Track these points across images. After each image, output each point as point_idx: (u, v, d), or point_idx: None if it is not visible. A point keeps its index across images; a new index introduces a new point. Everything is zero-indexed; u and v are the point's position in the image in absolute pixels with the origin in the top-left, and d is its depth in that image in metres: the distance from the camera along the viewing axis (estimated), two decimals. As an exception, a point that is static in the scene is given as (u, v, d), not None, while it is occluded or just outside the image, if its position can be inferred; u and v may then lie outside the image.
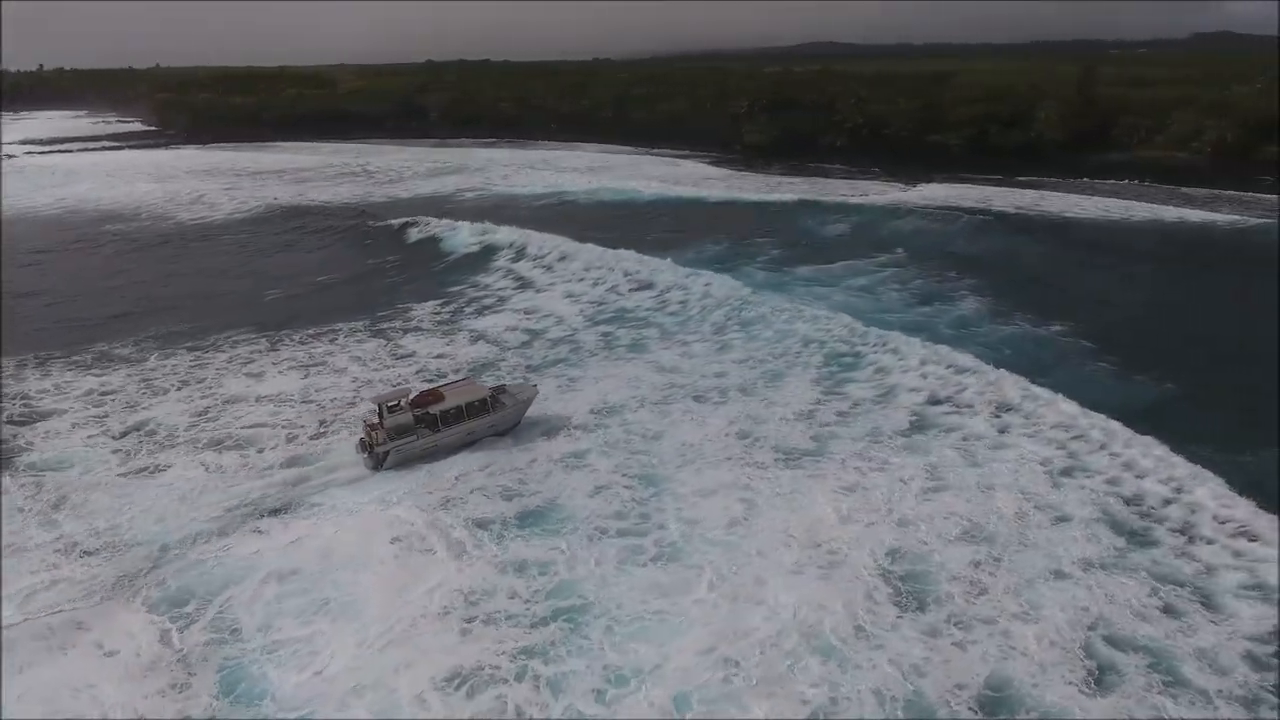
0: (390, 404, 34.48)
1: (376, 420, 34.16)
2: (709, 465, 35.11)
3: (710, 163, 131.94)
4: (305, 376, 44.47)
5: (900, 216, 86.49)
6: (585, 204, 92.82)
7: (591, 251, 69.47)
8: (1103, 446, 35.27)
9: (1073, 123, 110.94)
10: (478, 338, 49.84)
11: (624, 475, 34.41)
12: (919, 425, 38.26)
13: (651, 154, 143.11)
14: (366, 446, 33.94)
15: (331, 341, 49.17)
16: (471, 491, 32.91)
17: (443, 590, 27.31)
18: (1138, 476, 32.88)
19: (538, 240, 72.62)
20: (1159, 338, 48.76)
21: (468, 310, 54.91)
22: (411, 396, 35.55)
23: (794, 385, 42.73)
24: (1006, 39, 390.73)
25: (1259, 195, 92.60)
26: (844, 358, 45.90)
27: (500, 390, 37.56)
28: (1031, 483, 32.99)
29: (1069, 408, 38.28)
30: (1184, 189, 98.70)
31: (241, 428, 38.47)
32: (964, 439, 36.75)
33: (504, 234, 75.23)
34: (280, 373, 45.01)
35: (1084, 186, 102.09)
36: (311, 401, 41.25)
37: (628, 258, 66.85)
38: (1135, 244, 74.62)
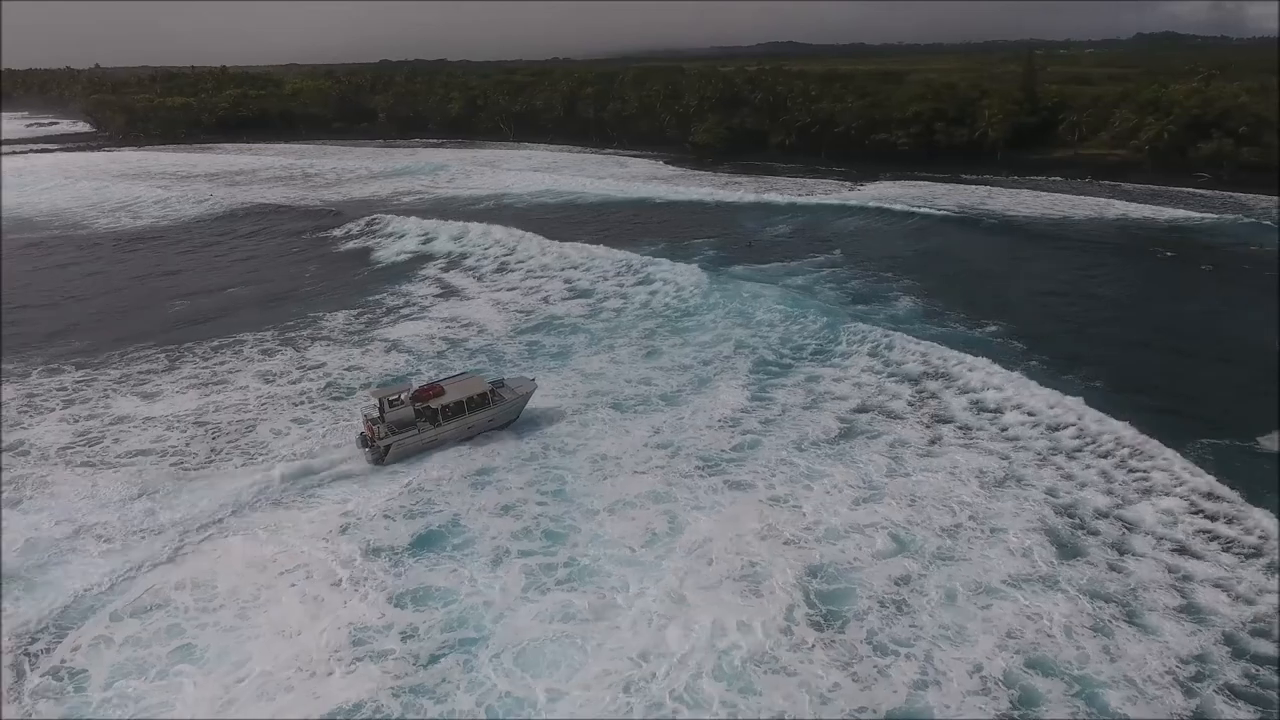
0: (391, 398, 34.40)
1: (377, 415, 33.95)
2: (628, 478, 33.49)
3: (659, 163, 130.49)
4: (205, 395, 41.61)
5: (843, 216, 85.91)
6: (525, 206, 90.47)
7: (523, 255, 67.63)
8: (1040, 455, 34.33)
9: (1016, 120, 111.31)
10: (391, 347, 47.38)
11: (537, 491, 32.67)
12: (848, 433, 36.96)
13: (601, 154, 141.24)
14: (368, 441, 33.64)
15: (236, 354, 46.32)
16: (371, 516, 30.80)
17: (328, 627, 25.24)
18: (1080, 486, 31.89)
19: (468, 244, 70.38)
20: (1096, 338, 48.12)
21: (385, 319, 52.37)
22: (412, 390, 35.50)
23: (722, 392, 41.21)
24: (961, 39, 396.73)
25: (1196, 191, 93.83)
26: (772, 365, 44.51)
27: (499, 385, 37.39)
28: (965, 493, 31.79)
29: (1011, 417, 37.44)
30: (1124, 185, 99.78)
31: (121, 455, 35.52)
32: (894, 447, 35.49)
33: (434, 239, 72.98)
34: (177, 391, 42.11)
35: (1027, 184, 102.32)
36: (206, 423, 38.44)
37: (561, 261, 65.22)
38: (1075, 241, 74.55)
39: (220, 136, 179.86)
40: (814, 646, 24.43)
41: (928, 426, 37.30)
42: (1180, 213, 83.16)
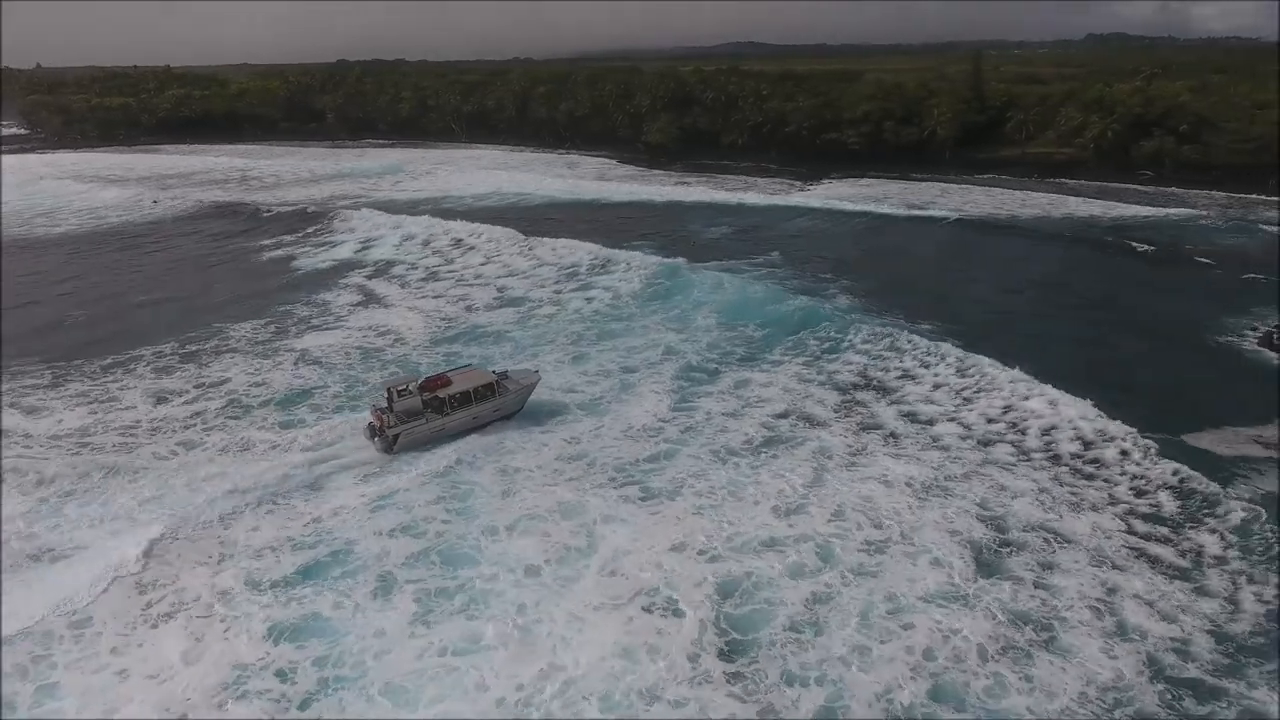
0: (400, 388, 35.12)
1: (386, 405, 34.53)
2: (538, 492, 31.75)
3: (611, 162, 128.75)
4: (92, 413, 38.70)
5: (790, 217, 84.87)
6: (467, 210, 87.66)
7: (455, 261, 65.32)
8: (971, 464, 32.95)
9: (965, 120, 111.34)
10: (300, 358, 44.72)
11: (444, 509, 30.69)
12: (772, 441, 35.48)
13: (553, 154, 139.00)
14: (377, 431, 34.17)
15: (128, 371, 43.26)
16: (253, 548, 28.56)
17: (205, 666, 23.46)
18: (1012, 497, 30.56)
19: (396, 250, 67.84)
20: (1037, 336, 47.25)
21: (296, 329, 49.56)
22: (420, 381, 36.10)
23: (645, 399, 39.59)
24: (920, 40, 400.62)
25: (1139, 188, 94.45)
26: (700, 370, 42.88)
27: (504, 376, 37.71)
28: (890, 504, 30.42)
29: (942, 428, 36.12)
30: (1069, 183, 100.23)
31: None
32: (819, 455, 34.03)
33: (362, 244, 70.28)
34: (64, 410, 39.08)
35: (976, 183, 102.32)
36: (86, 446, 35.57)
37: (495, 267, 63.04)
38: (1022, 239, 74.32)
39: (162, 138, 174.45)
40: (718, 676, 22.94)
41: (856, 434, 35.91)
42: (1127, 210, 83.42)
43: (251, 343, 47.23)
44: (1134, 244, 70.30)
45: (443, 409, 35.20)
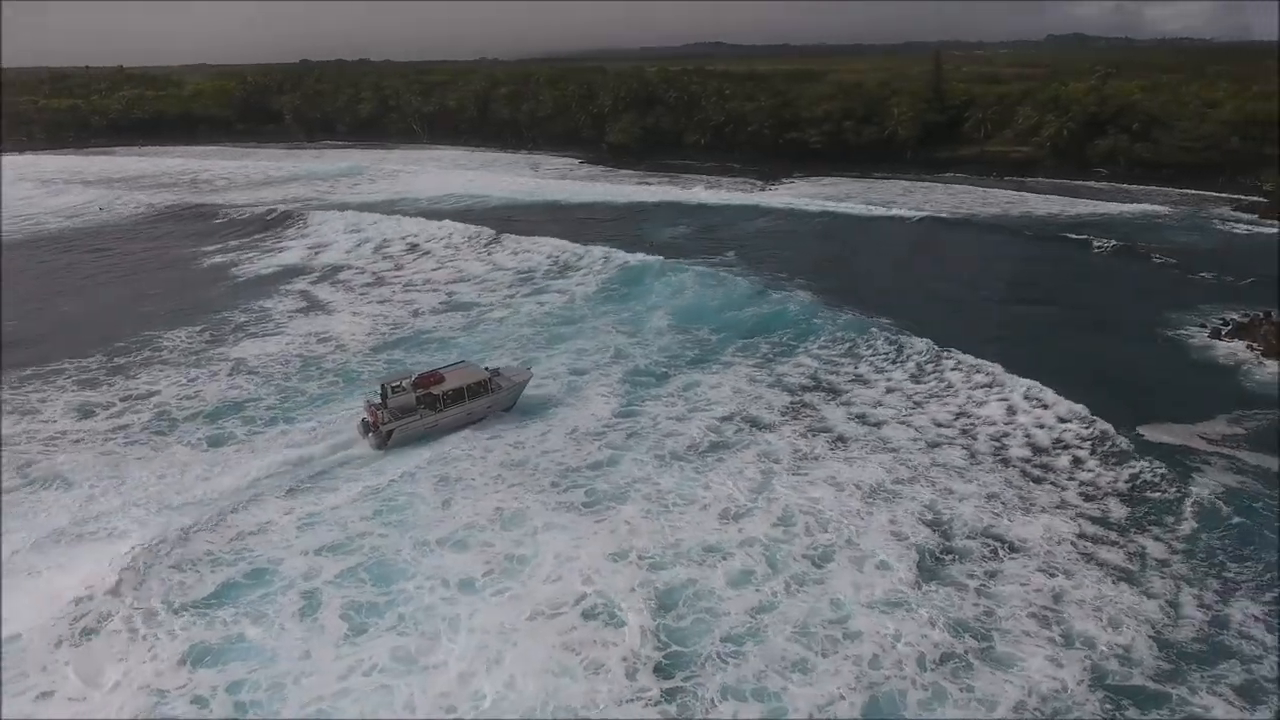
0: (394, 385, 35.28)
1: (380, 401, 34.73)
2: (477, 501, 30.74)
3: (573, 163, 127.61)
4: (10, 426, 36.74)
5: (750, 216, 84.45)
6: (422, 212, 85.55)
7: (405, 265, 63.84)
8: (920, 468, 32.31)
9: (925, 119, 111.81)
10: (235, 368, 43.02)
11: (381, 522, 29.43)
12: (718, 445, 34.72)
13: (515, 155, 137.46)
14: (371, 427, 34.40)
15: (48, 383, 41.23)
16: (176, 566, 27.13)
17: (115, 696, 22.18)
18: (960, 500, 29.98)
19: (345, 255, 66.14)
20: (989, 338, 46.87)
21: (233, 337, 47.75)
22: (413, 378, 36.19)
23: (591, 403, 38.77)
24: (884, 40, 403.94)
25: (1094, 185, 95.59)
26: (649, 373, 42.03)
27: (495, 373, 38.03)
28: (837, 509, 29.73)
29: (892, 431, 35.49)
30: (1028, 181, 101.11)
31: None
32: (766, 459, 33.31)
33: (310, 248, 68.40)
34: (-22, 425, 37.08)
35: (936, 181, 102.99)
36: (-2, 461, 33.73)
37: (445, 270, 61.62)
38: (978, 239, 74.53)
39: (114, 140, 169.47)
40: (655, 694, 22.09)
41: (804, 437, 35.23)
42: (1084, 207, 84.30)
43: (184, 352, 45.32)
44: (1090, 241, 70.60)
45: (436, 405, 35.56)
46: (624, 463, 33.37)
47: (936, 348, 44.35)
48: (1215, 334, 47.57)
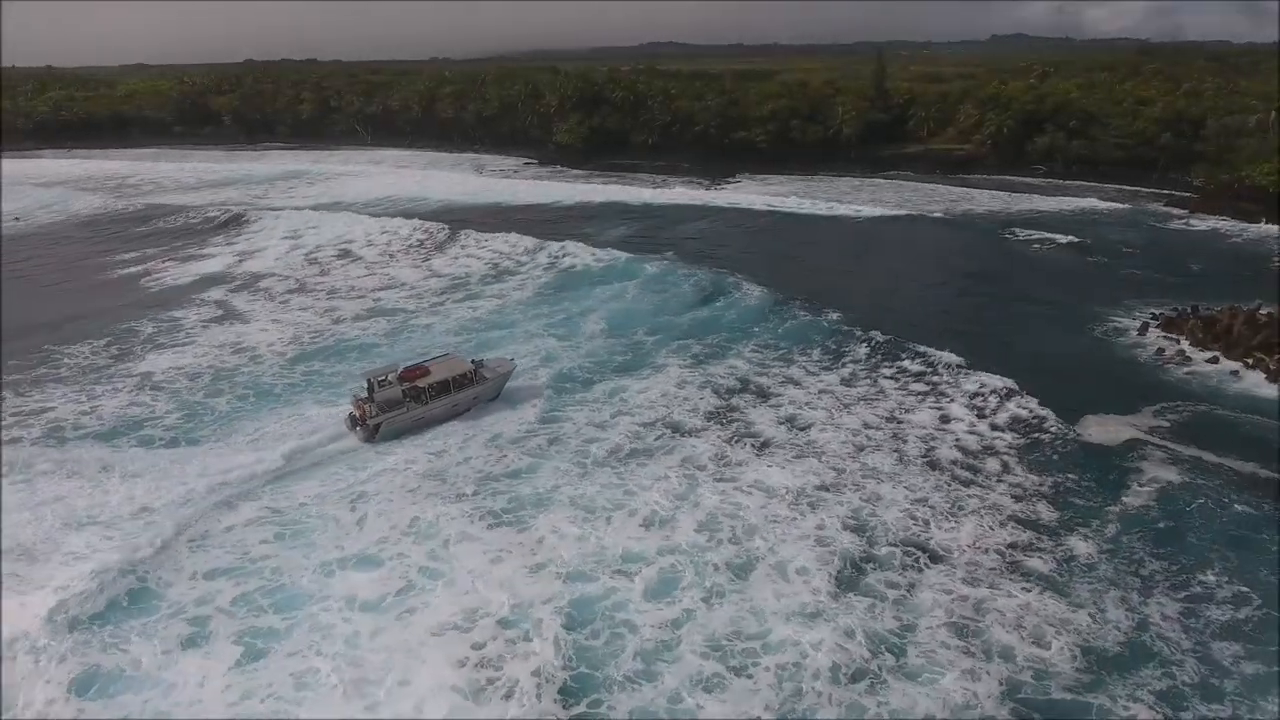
0: (380, 379, 35.25)
1: (366, 395, 34.72)
2: (388, 515, 29.27)
3: (519, 164, 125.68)
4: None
5: (694, 217, 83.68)
6: (358, 217, 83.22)
7: (329, 271, 61.48)
8: (847, 473, 31.46)
9: (868, 117, 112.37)
10: (141, 384, 40.55)
11: (284, 545, 27.68)
12: (642, 451, 33.62)
13: (460, 156, 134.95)
14: (358, 421, 34.54)
15: (-68, 403, 38.37)
16: (64, 591, 24.88)
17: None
18: (886, 506, 29.07)
19: (270, 263, 63.58)
20: (925, 338, 46.40)
21: (138, 350, 45.10)
22: (399, 371, 36.17)
23: (515, 409, 37.53)
24: (834, 40, 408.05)
25: (1032, 181, 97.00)
26: (576, 378, 40.78)
27: (480, 365, 38.18)
28: (760, 515, 28.85)
29: (822, 434, 34.59)
30: (971, 177, 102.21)
31: None
32: (690, 465, 32.33)
33: (235, 257, 65.64)
34: None
35: (882, 178, 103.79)
36: None
37: (372, 278, 59.43)
38: (920, 236, 74.80)
39: (40, 143, 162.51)
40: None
41: (731, 441, 34.28)
42: (1024, 204, 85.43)
43: (84, 369, 42.58)
44: (1029, 237, 71.42)
45: (422, 398, 35.60)
46: (544, 471, 32.26)
47: (871, 349, 43.97)
48: (1145, 329, 47.91)
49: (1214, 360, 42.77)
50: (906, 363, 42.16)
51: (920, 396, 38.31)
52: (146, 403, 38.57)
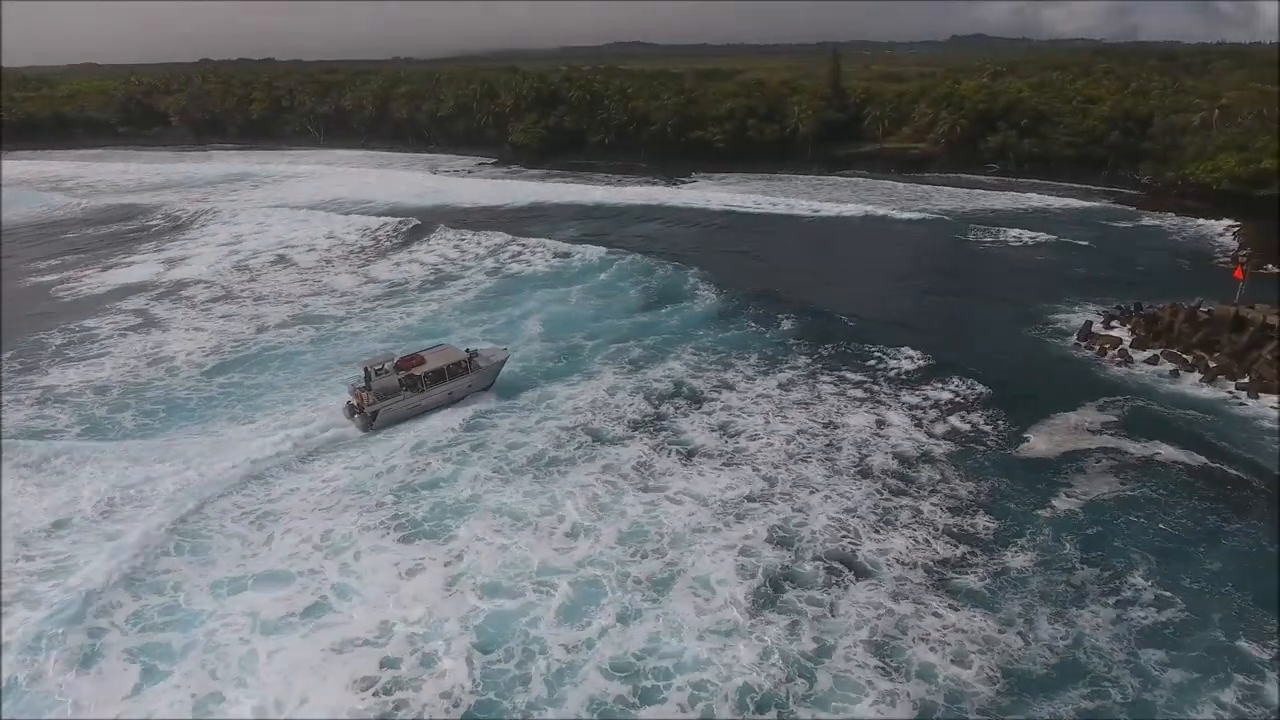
0: (376, 368, 35.66)
1: (364, 384, 35.19)
2: (297, 530, 27.92)
3: (474, 164, 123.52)
4: None
5: (647, 218, 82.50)
6: (301, 221, 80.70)
7: (258, 277, 59.26)
8: (776, 483, 30.32)
9: (825, 117, 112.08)
10: (43, 399, 38.22)
11: (185, 561, 26.13)
12: (563, 460, 32.38)
13: (414, 157, 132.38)
14: (356, 409, 35.01)
15: None
16: None
17: None
18: (816, 518, 27.94)
19: (197, 269, 61.16)
20: (867, 341, 45.67)
21: (44, 363, 42.60)
22: (395, 360, 36.66)
23: (439, 417, 36.16)
24: (797, 40, 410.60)
25: (985, 178, 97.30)
26: (503, 386, 39.24)
27: (475, 354, 38.56)
28: (681, 525, 27.77)
29: (754, 443, 33.44)
30: (926, 175, 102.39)
31: None
32: (614, 474, 31.15)
33: (162, 264, 62.98)
34: None
35: (838, 177, 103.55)
36: None
37: (303, 284, 57.40)
38: (874, 236, 74.35)
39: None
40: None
41: (660, 449, 33.08)
42: (978, 204, 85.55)
43: (-13, 380, 40.19)
44: (979, 237, 71.36)
45: (418, 386, 36.10)
46: (464, 480, 31.04)
47: (813, 353, 43.10)
48: (1088, 327, 47.62)
49: (1153, 360, 42.54)
50: (848, 366, 41.30)
51: (859, 401, 37.40)
52: (49, 415, 36.34)
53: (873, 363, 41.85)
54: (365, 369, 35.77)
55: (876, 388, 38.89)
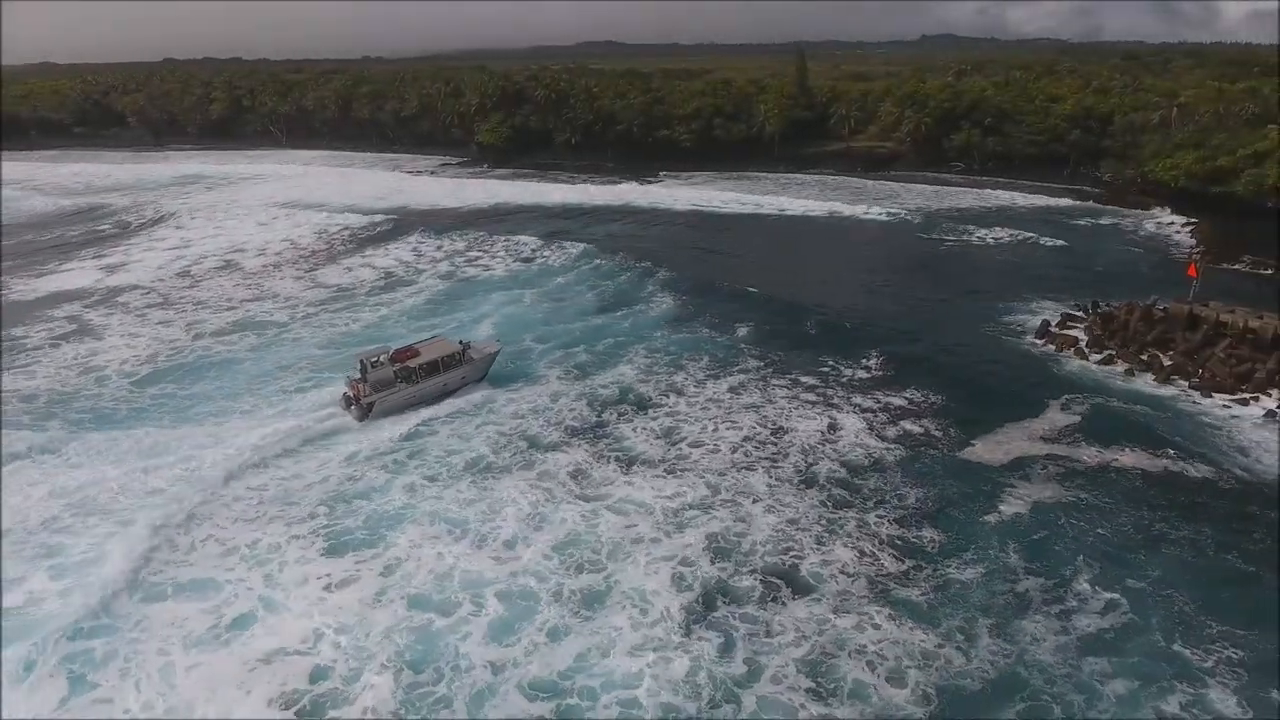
0: (372, 360, 36.16)
1: (360, 376, 35.59)
2: (217, 543, 26.87)
3: (437, 165, 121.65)
4: None
5: (610, 219, 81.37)
6: (257, 225, 78.63)
7: (199, 282, 57.41)
8: (718, 492, 29.46)
9: (791, 115, 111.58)
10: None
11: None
12: (502, 468, 31.28)
13: (377, 157, 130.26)
14: (352, 400, 35.46)
15: None
16: None
17: None
18: (758, 528, 27.14)
19: (138, 275, 59.15)
20: (825, 345, 44.99)
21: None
22: (390, 353, 37.10)
23: (378, 426, 34.95)
24: (770, 39, 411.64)
25: (949, 177, 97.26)
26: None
27: (468, 346, 39.10)
28: (618, 535, 26.86)
29: (699, 450, 32.38)
30: (891, 173, 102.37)
31: None
32: (552, 481, 30.22)
33: (102, 270, 60.89)
34: None
35: (805, 176, 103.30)
36: None
37: (242, 289, 55.79)
38: (838, 237, 73.85)
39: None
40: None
41: (599, 457, 32.11)
42: (942, 203, 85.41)
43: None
44: (941, 236, 71.18)
45: (413, 378, 36.52)
46: (398, 488, 30.02)
47: (765, 356, 42.33)
48: (1045, 328, 47.34)
49: (1108, 360, 42.27)
50: (803, 369, 40.54)
51: (812, 404, 36.63)
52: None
53: (829, 364, 41.15)
54: (361, 361, 36.07)
55: (830, 390, 38.17)
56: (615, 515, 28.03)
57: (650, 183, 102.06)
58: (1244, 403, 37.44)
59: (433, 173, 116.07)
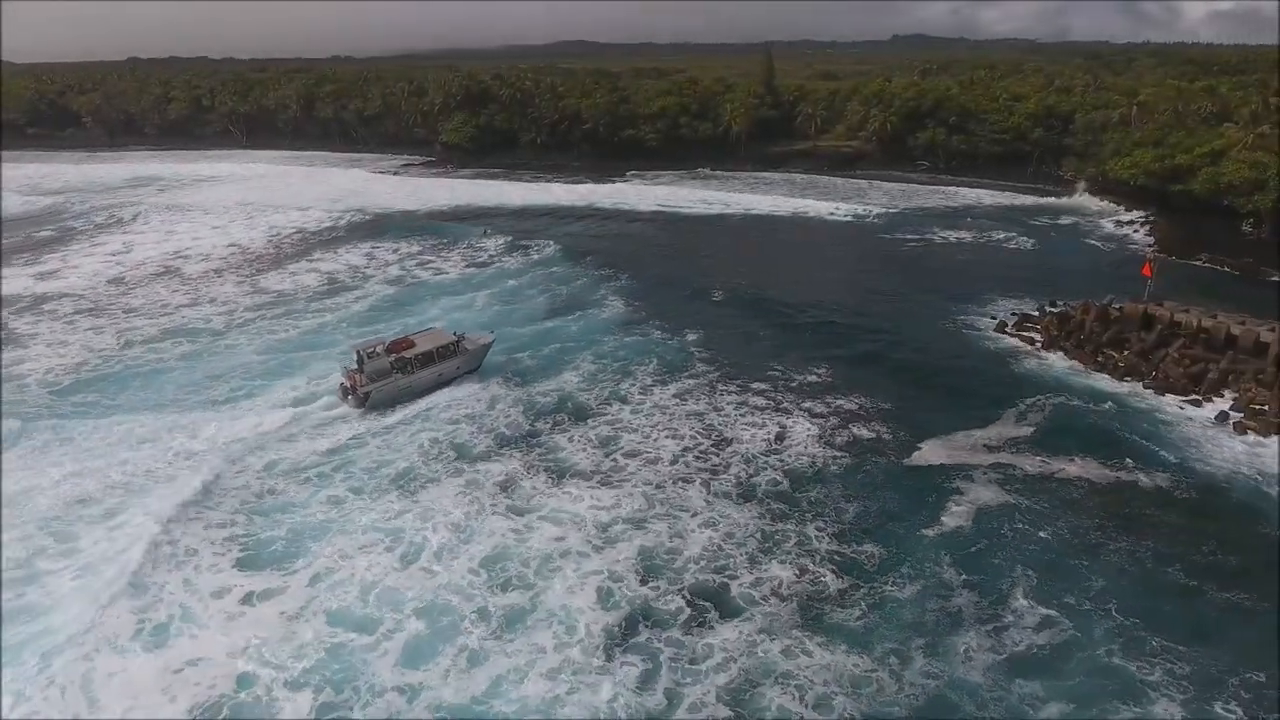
0: (369, 351, 36.64)
1: (357, 367, 35.93)
2: (121, 553, 25.44)
3: (399, 165, 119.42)
4: None
5: (571, 219, 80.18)
6: (201, 230, 76.24)
7: (132, 290, 55.38)
8: (654, 502, 28.35)
9: (758, 114, 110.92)
10: None
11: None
12: (430, 479, 30.06)
13: (338, 157, 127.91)
14: (350, 390, 35.81)
15: None
16: None
17: None
18: (690, 542, 26.00)
19: (70, 283, 56.90)
20: (779, 348, 44.05)
21: None
22: (386, 343, 37.56)
23: (306, 436, 33.54)
24: (743, 39, 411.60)
25: (916, 175, 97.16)
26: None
27: (462, 337, 39.67)
28: (544, 549, 25.80)
29: (637, 461, 31.29)
30: (858, 172, 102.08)
31: None
32: (478, 492, 29.08)
33: (34, 277, 58.51)
34: None
35: (771, 175, 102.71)
36: None
37: (184, 293, 53.87)
38: (802, 237, 73.18)
39: None
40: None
41: (532, 467, 30.93)
42: (909, 203, 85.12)
43: None
44: (903, 236, 70.72)
45: (408, 368, 36.88)
46: (320, 501, 28.75)
47: (715, 360, 41.29)
48: (1001, 328, 46.84)
49: (1063, 360, 41.76)
50: (754, 373, 39.54)
51: (760, 410, 35.61)
52: None
53: (781, 368, 40.18)
54: (358, 352, 36.45)
55: (780, 395, 37.20)
56: (549, 527, 26.99)
57: (615, 182, 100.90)
58: (1197, 404, 36.99)
59: (395, 173, 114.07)
